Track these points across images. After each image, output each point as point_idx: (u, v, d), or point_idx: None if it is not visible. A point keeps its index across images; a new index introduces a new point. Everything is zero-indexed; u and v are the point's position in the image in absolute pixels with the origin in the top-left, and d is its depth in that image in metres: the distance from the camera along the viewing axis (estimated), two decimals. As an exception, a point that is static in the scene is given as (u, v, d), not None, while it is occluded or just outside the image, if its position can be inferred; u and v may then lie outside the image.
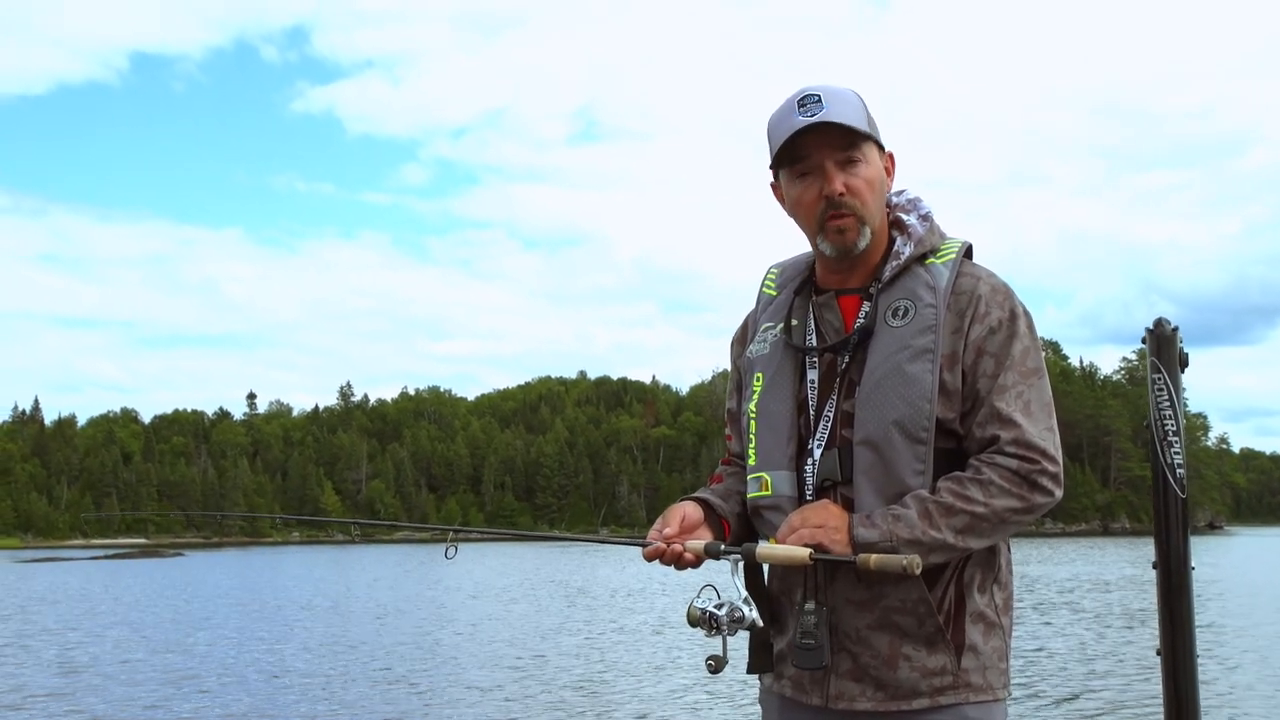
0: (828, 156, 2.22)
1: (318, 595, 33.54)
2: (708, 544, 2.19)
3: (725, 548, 2.17)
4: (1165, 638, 2.36)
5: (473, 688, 14.54)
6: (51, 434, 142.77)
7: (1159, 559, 2.38)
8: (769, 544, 2.15)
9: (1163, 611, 2.38)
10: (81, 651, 19.21)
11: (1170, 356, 2.40)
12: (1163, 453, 2.39)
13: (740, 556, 2.14)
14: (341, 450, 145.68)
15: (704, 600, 2.12)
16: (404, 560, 60.83)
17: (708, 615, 2.10)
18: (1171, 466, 2.36)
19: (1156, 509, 2.40)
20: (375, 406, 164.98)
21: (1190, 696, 2.32)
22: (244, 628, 23.08)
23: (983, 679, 2.20)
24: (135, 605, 30.15)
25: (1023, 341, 2.21)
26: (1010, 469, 2.13)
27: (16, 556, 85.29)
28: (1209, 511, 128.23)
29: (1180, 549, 2.36)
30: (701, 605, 2.12)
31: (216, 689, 14.54)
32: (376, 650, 18.60)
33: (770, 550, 2.11)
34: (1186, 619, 2.34)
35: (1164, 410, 2.40)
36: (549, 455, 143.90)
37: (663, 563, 2.24)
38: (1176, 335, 2.41)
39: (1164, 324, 2.43)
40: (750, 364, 2.43)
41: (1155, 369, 2.40)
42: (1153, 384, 2.40)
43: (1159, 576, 2.38)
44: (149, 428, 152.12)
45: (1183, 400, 2.42)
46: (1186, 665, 2.32)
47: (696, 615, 2.12)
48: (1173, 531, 2.37)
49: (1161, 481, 2.39)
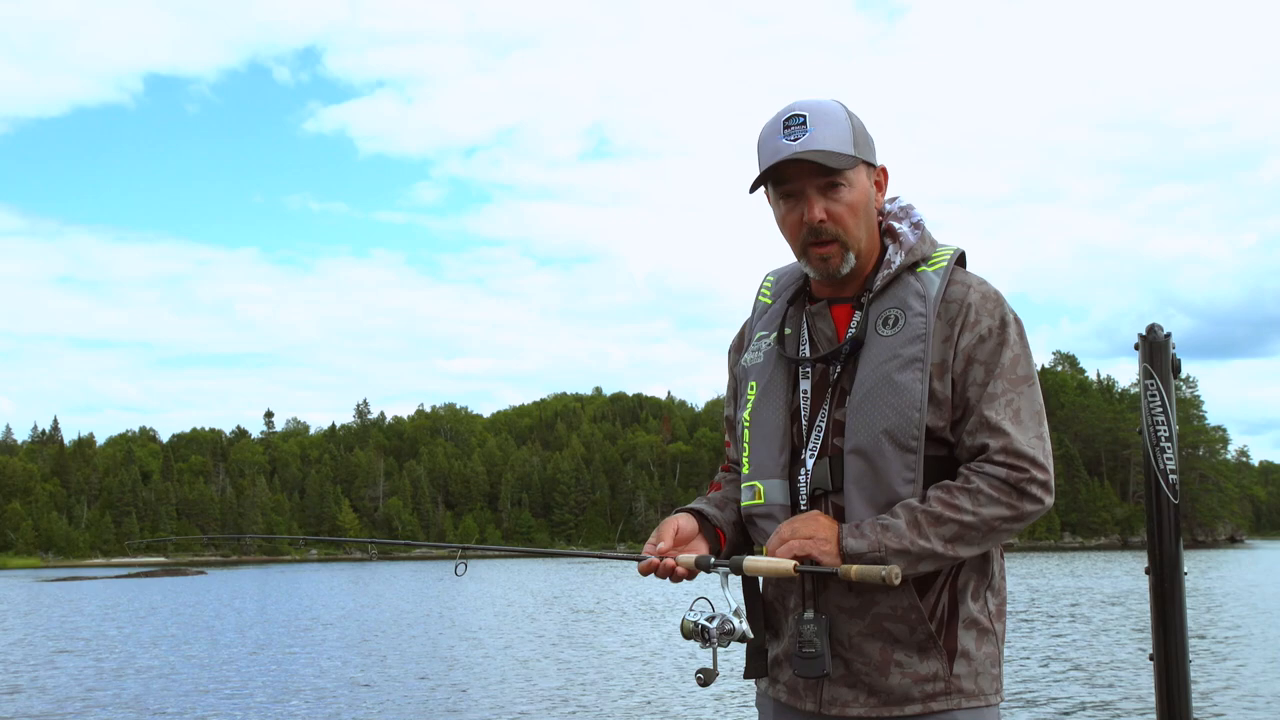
0: (809, 183, 2.24)
1: (366, 610, 34.34)
2: (698, 557, 2.22)
3: (715, 561, 2.20)
4: (1158, 642, 2.37)
5: (473, 695, 14.63)
6: (71, 453, 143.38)
7: (1151, 565, 2.39)
8: (755, 556, 2.18)
9: (1155, 616, 2.39)
10: (164, 663, 19.83)
11: (1163, 363, 2.42)
12: (1155, 459, 2.40)
13: (729, 569, 2.16)
14: (359, 468, 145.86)
15: (695, 613, 2.15)
16: (420, 576, 61.10)
17: (699, 628, 2.13)
18: (1164, 473, 2.38)
19: (1149, 515, 2.41)
20: (392, 424, 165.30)
21: (1183, 700, 2.33)
22: (336, 640, 23.63)
23: (975, 685, 2.22)
24: (199, 622, 30.73)
25: (1013, 349, 2.22)
26: (999, 478, 2.13)
27: (38, 575, 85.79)
28: (1229, 525, 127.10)
29: (1173, 554, 2.37)
30: (693, 618, 2.15)
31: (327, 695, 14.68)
32: (410, 659, 18.83)
33: (756, 562, 2.14)
34: (1179, 624, 2.35)
35: (1156, 417, 2.41)
36: (565, 472, 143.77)
37: (657, 576, 2.27)
38: (1169, 342, 2.43)
39: (1156, 330, 2.44)
40: (745, 372, 2.46)
41: (1148, 375, 2.41)
42: (1145, 390, 2.42)
43: (1152, 582, 2.40)
44: (167, 447, 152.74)
45: (1175, 407, 2.43)
46: (1179, 669, 2.33)
47: (689, 628, 2.15)
48: (1165, 537, 2.38)
49: (1154, 488, 2.41)
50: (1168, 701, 2.34)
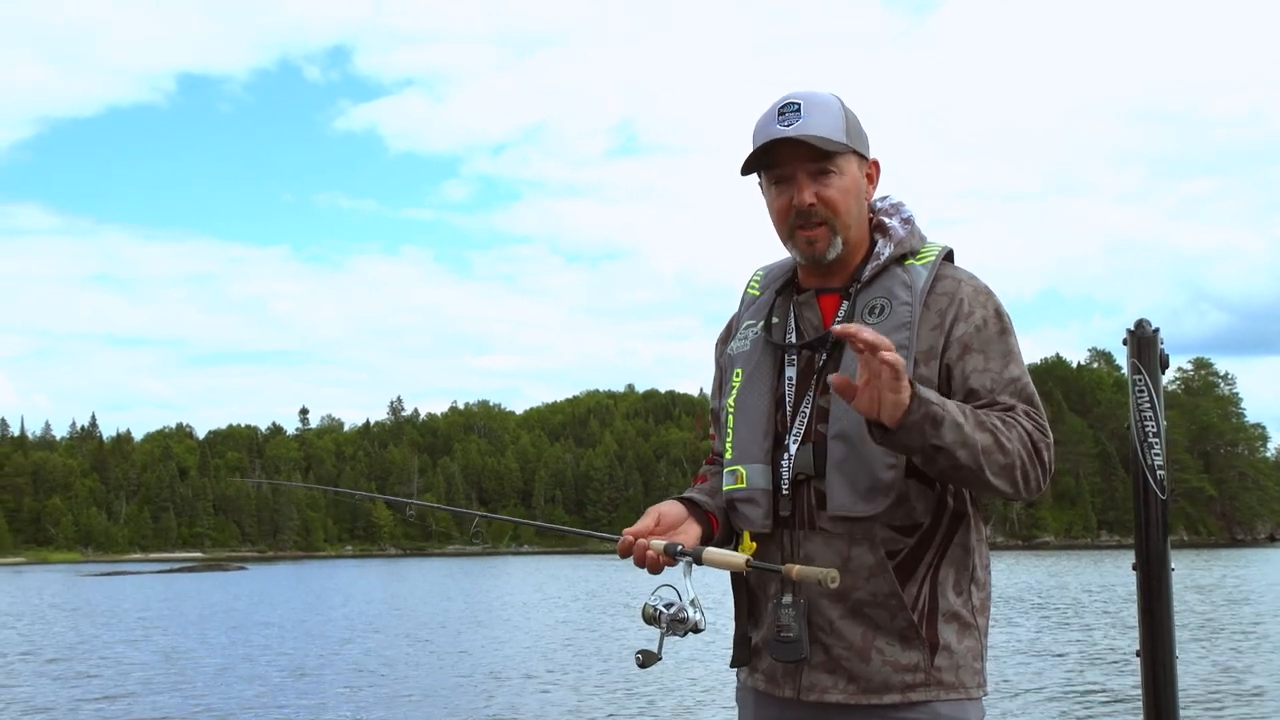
0: (800, 167, 2.26)
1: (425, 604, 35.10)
2: (667, 544, 2.20)
3: (680, 549, 2.17)
4: (1145, 638, 2.37)
5: (468, 687, 14.84)
6: (110, 450, 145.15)
7: (1138, 561, 2.39)
8: (714, 549, 2.17)
9: (1142, 612, 2.39)
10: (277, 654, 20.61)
11: (1151, 358, 2.42)
12: (1144, 454, 2.40)
13: (691, 559, 2.16)
14: (393, 464, 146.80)
15: (656, 599, 2.16)
16: (454, 571, 61.54)
17: (657, 613, 2.14)
18: (1152, 468, 2.37)
19: (1137, 511, 2.41)
20: (425, 421, 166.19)
21: (1169, 696, 2.32)
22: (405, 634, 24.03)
23: (955, 677, 2.22)
24: (283, 613, 31.72)
25: (1013, 338, 2.26)
26: (1028, 430, 2.15)
27: (79, 570, 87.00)
28: (1269, 523, 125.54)
29: (1160, 551, 2.37)
30: (653, 603, 2.16)
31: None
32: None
33: (712, 554, 2.14)
34: (1165, 620, 2.34)
35: (1145, 412, 2.41)
36: (599, 469, 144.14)
37: (635, 562, 2.25)
38: (1157, 337, 2.43)
39: (1145, 325, 2.44)
40: (731, 361, 2.46)
41: (1136, 370, 2.41)
42: (1133, 385, 2.41)
43: (1139, 578, 2.39)
44: (204, 443, 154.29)
45: (1163, 403, 2.43)
46: (1165, 665, 2.33)
47: (649, 613, 2.16)
48: (1153, 533, 2.37)
49: (1141, 483, 2.40)
50: (1154, 697, 2.33)
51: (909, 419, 2.00)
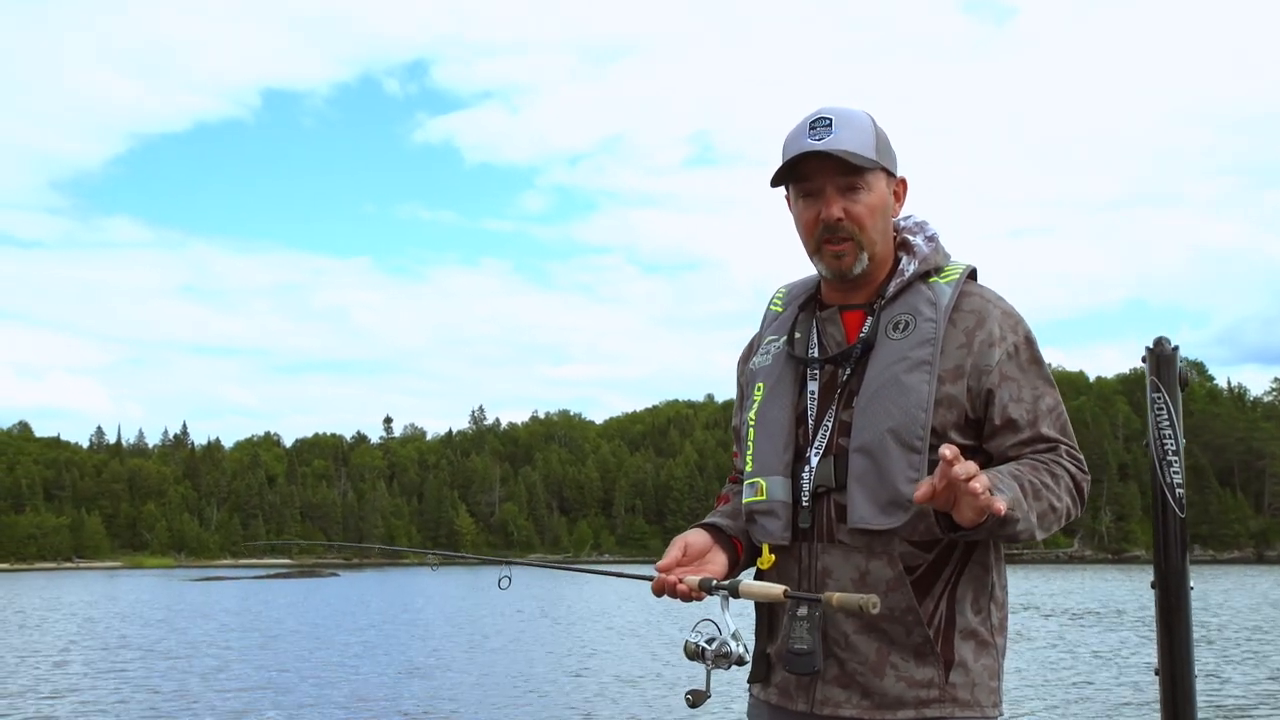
0: (829, 181, 2.27)
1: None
2: (701, 579, 2.20)
3: (716, 583, 2.17)
4: (1164, 657, 2.36)
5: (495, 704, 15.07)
6: (201, 457, 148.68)
7: (1157, 578, 2.38)
8: (751, 582, 2.18)
9: (1161, 631, 2.38)
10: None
11: (1170, 376, 2.41)
12: (1162, 472, 2.39)
13: (728, 592, 2.15)
14: (475, 473, 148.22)
15: (698, 634, 2.16)
16: (531, 580, 62.08)
17: (700, 649, 2.14)
18: (1171, 486, 2.36)
19: (1156, 529, 2.40)
20: (506, 430, 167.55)
21: (1188, 715, 2.31)
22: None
23: (971, 695, 2.20)
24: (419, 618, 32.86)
25: (1044, 365, 2.29)
26: (1072, 475, 2.20)
27: (176, 575, 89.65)
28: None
29: (1179, 568, 2.36)
30: (695, 640, 2.15)
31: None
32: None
33: (749, 588, 2.14)
34: (1184, 638, 2.33)
35: (1164, 429, 2.40)
36: (679, 478, 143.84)
37: (669, 596, 2.24)
38: (1176, 355, 2.42)
39: (1164, 343, 2.43)
40: (752, 375, 2.47)
41: (1155, 388, 2.40)
42: (1152, 403, 2.41)
43: (1158, 596, 2.38)
44: (291, 451, 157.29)
45: (1182, 420, 2.42)
46: (1184, 684, 2.32)
47: (691, 649, 2.16)
48: (1172, 551, 2.36)
49: (1161, 501, 2.39)
50: (1173, 716, 2.33)
51: (985, 524, 2.03)
